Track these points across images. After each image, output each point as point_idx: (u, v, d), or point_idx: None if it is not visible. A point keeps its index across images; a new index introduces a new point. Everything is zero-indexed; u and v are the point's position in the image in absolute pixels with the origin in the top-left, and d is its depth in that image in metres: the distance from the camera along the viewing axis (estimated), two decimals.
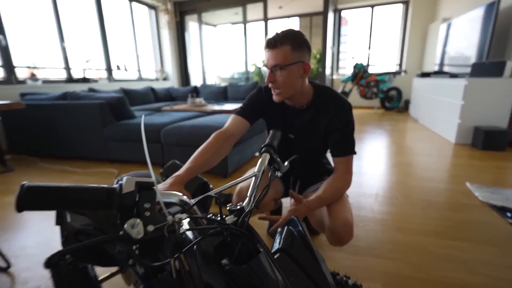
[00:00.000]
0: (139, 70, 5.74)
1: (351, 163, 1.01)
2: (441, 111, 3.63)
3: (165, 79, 6.48)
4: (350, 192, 1.96)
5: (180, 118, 2.89)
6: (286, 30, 0.86)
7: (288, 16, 7.33)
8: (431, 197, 1.85)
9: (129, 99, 4.30)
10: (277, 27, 7.42)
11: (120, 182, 0.36)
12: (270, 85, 0.90)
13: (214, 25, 7.89)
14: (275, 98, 0.92)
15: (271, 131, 0.75)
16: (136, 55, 5.63)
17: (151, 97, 5.05)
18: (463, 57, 3.73)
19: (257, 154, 2.91)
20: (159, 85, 5.95)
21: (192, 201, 0.45)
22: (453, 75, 3.51)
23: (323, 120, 0.99)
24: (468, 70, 3.39)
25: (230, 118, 1.05)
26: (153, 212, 0.36)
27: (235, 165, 2.37)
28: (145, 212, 0.35)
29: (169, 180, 0.73)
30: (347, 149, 0.99)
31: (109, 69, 4.87)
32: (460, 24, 3.87)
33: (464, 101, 3.02)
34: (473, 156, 2.71)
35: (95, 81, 4.58)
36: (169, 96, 5.60)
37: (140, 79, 5.78)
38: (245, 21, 6.86)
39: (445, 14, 4.97)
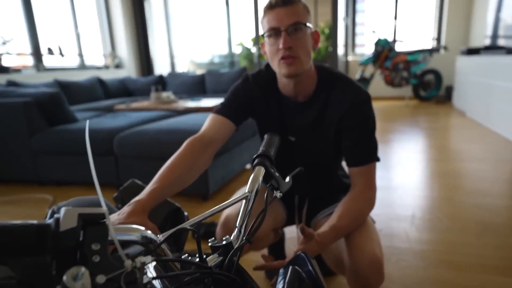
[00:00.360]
0: (80, 55, 5.71)
1: (373, 174, 1.01)
2: (497, 100, 3.72)
3: (118, 66, 6.46)
4: (376, 214, 1.97)
5: (140, 120, 2.88)
6: None
7: None
8: (487, 218, 1.88)
9: (68, 95, 4.27)
10: None
11: (56, 215, 0.36)
12: (284, 53, 0.91)
13: None
14: (290, 69, 0.92)
15: (265, 136, 0.76)
16: (75, 35, 5.61)
17: (99, 91, 5.02)
18: None
19: (248, 166, 2.92)
20: (109, 75, 5.94)
21: (160, 237, 0.45)
22: (511, 50, 3.61)
23: (333, 117, 1.00)
24: None
25: (208, 119, 1.05)
26: (105, 255, 0.35)
27: (219, 183, 2.36)
28: (93, 257, 0.35)
29: (126, 208, 0.72)
30: (367, 155, 0.99)
31: (37, 54, 4.84)
32: None
33: None
34: None
35: (16, 70, 4.53)
36: (124, 90, 5.58)
37: (83, 67, 5.76)
38: None
39: None
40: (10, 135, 2.72)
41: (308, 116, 1.03)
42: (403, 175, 2.60)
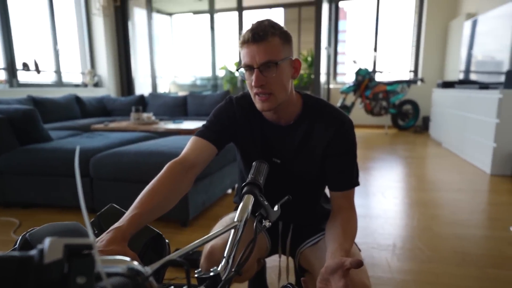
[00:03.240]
0: (58, 72, 5.62)
1: (353, 196, 1.06)
2: (471, 132, 3.89)
3: (96, 85, 6.39)
4: (358, 243, 1.97)
5: (118, 141, 2.83)
6: (267, 20, 0.94)
7: (270, 6, 7.72)
8: (467, 248, 1.92)
9: (42, 112, 4.15)
10: (255, 19, 7.76)
11: (39, 245, 0.34)
12: (257, 90, 0.93)
13: (169, 14, 8.08)
14: (264, 106, 0.94)
15: (254, 163, 0.76)
16: (54, 50, 5.55)
17: (76, 110, 4.93)
18: (494, 62, 4.10)
19: (229, 191, 2.89)
20: (87, 93, 5.85)
21: (148, 269, 0.43)
22: (483, 86, 3.82)
23: (319, 141, 1.02)
24: (502, 78, 3.73)
25: (190, 142, 1.04)
26: None
27: (199, 209, 2.32)
28: None
29: (105, 236, 0.70)
30: (351, 180, 1.03)
31: (10, 69, 4.73)
32: (488, 21, 4.30)
33: (499, 119, 3.28)
34: None
35: None
36: (102, 109, 5.50)
37: (60, 84, 5.66)
38: (212, 11, 7.12)
39: (469, 8, 5.52)
40: None
41: (293, 140, 1.04)
42: (383, 203, 2.64)
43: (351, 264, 0.69)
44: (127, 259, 0.43)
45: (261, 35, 0.89)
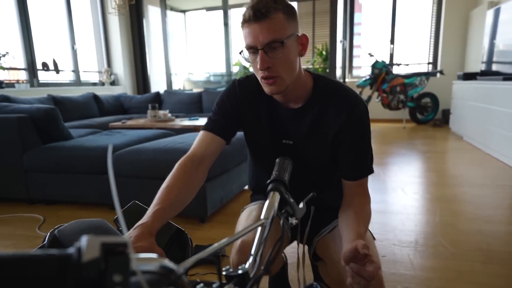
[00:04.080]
0: (76, 71, 5.73)
1: (367, 182, 1.03)
2: (494, 125, 3.78)
3: (113, 83, 6.49)
4: (379, 240, 1.96)
5: (137, 138, 2.87)
6: None
7: None
8: (492, 245, 1.87)
9: (62, 111, 4.23)
10: None
11: (76, 243, 0.34)
12: (263, 73, 0.88)
13: (183, 11, 8.12)
14: (272, 89, 0.90)
15: (278, 160, 0.75)
16: (72, 50, 5.65)
17: (94, 108, 5.02)
18: None
19: (246, 187, 2.89)
20: (105, 92, 5.95)
21: (180, 268, 0.43)
22: (507, 77, 3.70)
23: (331, 126, 0.98)
24: None
25: (197, 137, 1.04)
26: (127, 287, 0.34)
27: (217, 205, 2.33)
28: None
29: (133, 232, 0.71)
30: (365, 169, 1.00)
31: (31, 69, 4.85)
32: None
33: None
34: None
35: (10, 85, 4.53)
36: (119, 107, 5.59)
37: (78, 83, 5.77)
38: (226, 7, 7.11)
39: None
40: (1, 151, 2.68)
41: (302, 124, 1.01)
42: (404, 199, 2.59)
43: (361, 248, 0.72)
44: (161, 257, 0.43)
45: (263, 12, 0.82)
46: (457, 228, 2.09)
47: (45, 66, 5.03)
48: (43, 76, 5.06)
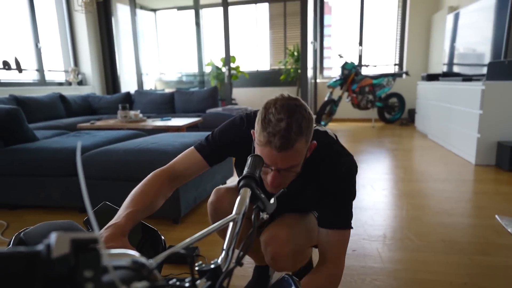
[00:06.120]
0: (40, 70, 5.50)
1: (344, 244, 0.99)
2: (455, 123, 3.98)
3: (81, 83, 6.27)
4: (350, 234, 2.01)
5: (106, 139, 2.80)
6: (291, 114, 0.80)
7: (255, 1, 7.70)
8: (454, 237, 1.97)
9: (26, 112, 4.07)
10: (239, 13, 7.73)
11: (45, 240, 0.34)
12: (271, 189, 0.89)
13: (153, 10, 7.97)
14: (276, 191, 0.88)
15: (249, 158, 0.77)
16: (35, 49, 5.41)
17: (61, 109, 4.84)
18: (476, 55, 4.19)
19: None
20: (72, 92, 5.74)
21: (152, 262, 0.44)
22: (466, 78, 3.91)
23: (316, 190, 1.02)
24: (484, 70, 3.82)
25: (185, 153, 1.05)
26: (99, 283, 0.34)
27: (191, 205, 2.32)
28: (86, 285, 0.33)
29: (105, 232, 0.70)
30: (339, 220, 0.99)
31: None
32: (470, 14, 4.38)
33: (483, 110, 3.36)
34: (500, 180, 2.98)
35: None
36: (88, 107, 5.42)
37: (43, 83, 5.53)
38: (197, 6, 7.06)
39: (451, 2, 5.62)
40: None
41: (290, 187, 1.01)
42: (373, 195, 2.68)
43: None
44: (132, 252, 0.43)
45: (285, 146, 0.79)
46: (422, 221, 2.19)
47: (6, 65, 4.78)
48: (4, 76, 4.82)
